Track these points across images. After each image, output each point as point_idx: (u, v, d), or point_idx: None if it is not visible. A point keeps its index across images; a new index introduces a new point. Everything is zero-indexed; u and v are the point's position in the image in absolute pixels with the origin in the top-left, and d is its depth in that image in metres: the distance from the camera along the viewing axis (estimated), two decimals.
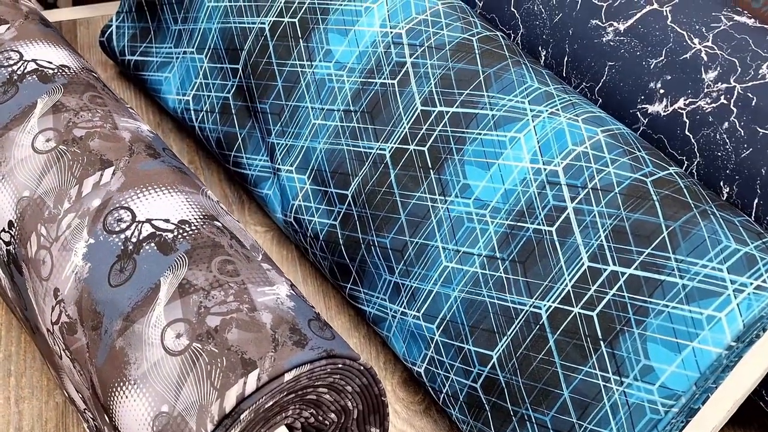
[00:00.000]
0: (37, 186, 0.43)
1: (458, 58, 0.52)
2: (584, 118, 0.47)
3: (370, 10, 0.56)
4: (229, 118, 0.63)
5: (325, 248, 0.56)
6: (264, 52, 0.60)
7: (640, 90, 0.50)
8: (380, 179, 0.53)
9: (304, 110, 0.58)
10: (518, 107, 0.48)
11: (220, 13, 0.63)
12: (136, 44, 0.71)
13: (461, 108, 0.50)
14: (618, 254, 0.43)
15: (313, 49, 0.57)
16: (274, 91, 0.59)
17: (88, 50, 0.80)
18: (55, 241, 0.41)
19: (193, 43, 0.66)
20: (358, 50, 0.56)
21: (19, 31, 0.50)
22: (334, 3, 0.57)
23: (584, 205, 0.45)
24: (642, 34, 0.50)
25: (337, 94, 0.56)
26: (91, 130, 0.45)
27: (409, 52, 0.53)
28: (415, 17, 0.54)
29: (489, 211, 0.48)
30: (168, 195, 0.42)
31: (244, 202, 0.67)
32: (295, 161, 0.58)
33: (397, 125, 0.52)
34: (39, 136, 0.44)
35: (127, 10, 0.73)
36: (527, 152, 0.47)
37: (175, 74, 0.68)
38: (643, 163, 0.45)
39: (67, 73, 0.48)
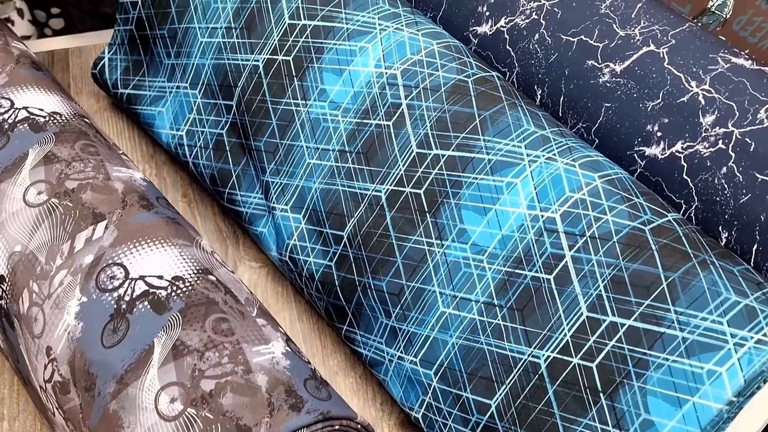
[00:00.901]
0: (28, 241, 0.43)
1: (454, 100, 0.51)
2: (581, 163, 0.47)
3: (364, 50, 0.55)
4: (224, 154, 0.63)
5: (321, 289, 0.56)
6: (258, 89, 0.59)
7: (637, 132, 0.49)
8: (376, 221, 0.52)
9: (299, 149, 0.57)
10: (515, 152, 0.48)
11: (214, 49, 0.63)
12: (128, 77, 0.71)
13: (457, 151, 0.50)
14: (617, 305, 0.43)
15: (307, 88, 0.57)
16: (269, 129, 0.59)
17: (81, 80, 0.80)
18: (48, 299, 0.41)
19: (187, 78, 0.65)
20: (353, 90, 0.55)
21: (10, 77, 0.49)
22: (328, 42, 0.57)
23: (582, 253, 0.44)
24: (639, 76, 0.50)
25: (332, 134, 0.56)
26: (83, 181, 0.44)
27: (404, 94, 0.53)
28: (410, 58, 0.54)
29: (486, 257, 0.47)
30: (162, 249, 0.42)
31: (239, 236, 0.67)
32: (290, 200, 0.58)
33: (393, 167, 0.52)
34: (31, 189, 0.44)
35: (120, 42, 0.72)
36: (524, 198, 0.47)
37: (169, 109, 0.67)
38: (641, 210, 0.45)
39: (58, 120, 0.48)
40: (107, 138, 0.51)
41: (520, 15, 0.55)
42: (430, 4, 0.60)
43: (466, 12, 0.58)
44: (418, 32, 0.55)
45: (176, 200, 0.69)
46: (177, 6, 0.66)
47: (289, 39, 0.58)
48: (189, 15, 0.65)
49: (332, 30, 0.57)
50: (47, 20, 1.05)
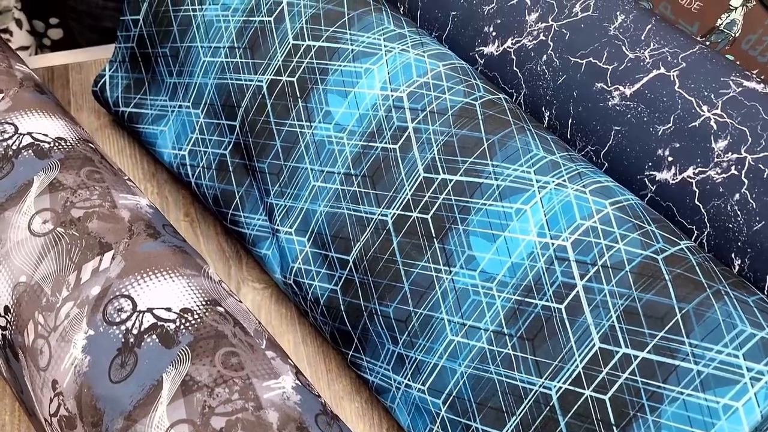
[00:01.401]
0: (34, 271, 0.42)
1: (461, 124, 0.51)
2: (592, 190, 0.47)
3: (370, 72, 0.55)
4: (227, 175, 0.62)
5: (326, 313, 0.55)
6: (262, 110, 0.59)
7: (648, 156, 0.49)
8: (382, 246, 0.52)
9: (304, 171, 0.57)
10: (524, 177, 0.48)
11: (216, 68, 0.62)
12: (130, 95, 0.70)
13: (465, 176, 0.49)
14: (630, 336, 0.42)
15: (312, 109, 0.56)
16: (273, 151, 0.58)
17: (81, 96, 0.79)
18: (54, 331, 0.40)
19: (189, 97, 0.65)
20: (358, 113, 0.55)
21: (13, 101, 0.49)
22: (333, 64, 0.56)
23: (594, 283, 0.44)
24: (649, 100, 0.49)
25: (338, 157, 0.55)
26: (89, 210, 0.44)
27: (411, 117, 0.52)
28: (416, 80, 0.53)
29: (496, 285, 0.47)
30: (169, 280, 0.41)
31: (242, 257, 0.66)
32: (295, 223, 0.57)
33: (399, 191, 0.51)
34: (36, 218, 0.43)
35: (121, 59, 0.72)
36: (534, 225, 0.46)
37: (171, 128, 0.66)
38: (653, 238, 0.44)
39: (63, 146, 0.47)
40: (112, 163, 0.51)
41: (527, 36, 0.55)
42: (436, 24, 0.60)
43: (472, 32, 0.58)
44: (424, 54, 0.55)
45: (178, 220, 0.69)
46: (179, 24, 0.65)
47: (293, 60, 0.58)
48: (191, 34, 0.64)
49: (337, 51, 0.56)
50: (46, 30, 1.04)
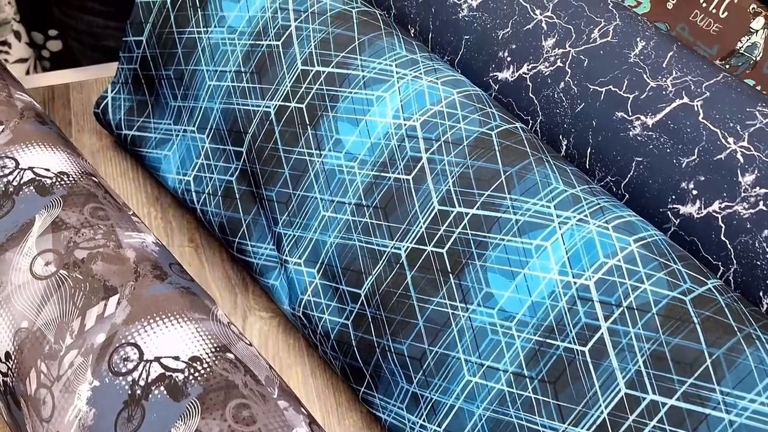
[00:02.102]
0: (36, 316, 0.40)
1: (477, 154, 0.49)
2: (615, 226, 0.45)
3: (381, 100, 0.53)
4: (233, 202, 0.60)
5: (337, 348, 0.53)
6: (269, 137, 0.57)
7: (671, 189, 0.47)
8: (395, 280, 0.50)
9: (313, 201, 0.55)
10: (544, 212, 0.46)
11: (222, 93, 0.60)
12: (132, 118, 0.69)
13: (482, 210, 0.47)
14: (658, 382, 0.40)
15: (321, 137, 0.55)
16: (281, 179, 0.57)
17: (82, 117, 0.77)
18: (57, 381, 0.38)
19: (194, 121, 0.63)
20: (369, 141, 0.53)
21: (14, 133, 0.47)
22: (343, 90, 0.54)
23: (619, 325, 0.42)
24: (672, 130, 0.48)
25: (348, 187, 0.53)
26: (93, 250, 0.42)
27: (425, 147, 0.51)
28: (429, 108, 0.52)
29: (515, 324, 0.45)
30: (177, 325, 0.40)
31: (248, 284, 0.65)
32: (304, 254, 0.56)
33: (413, 224, 0.50)
34: (38, 259, 0.41)
35: (123, 81, 0.70)
36: (555, 263, 0.45)
37: (175, 152, 0.65)
38: (680, 278, 0.42)
39: (66, 182, 0.45)
40: (116, 197, 0.49)
41: (543, 62, 0.53)
42: (448, 48, 0.58)
43: (485, 57, 0.56)
44: (437, 80, 0.53)
45: (183, 245, 0.67)
46: (183, 47, 0.63)
47: (302, 86, 0.56)
48: (196, 57, 0.62)
49: (347, 77, 0.55)
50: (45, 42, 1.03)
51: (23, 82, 0.82)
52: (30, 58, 0.99)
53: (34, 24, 0.99)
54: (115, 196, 0.49)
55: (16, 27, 0.95)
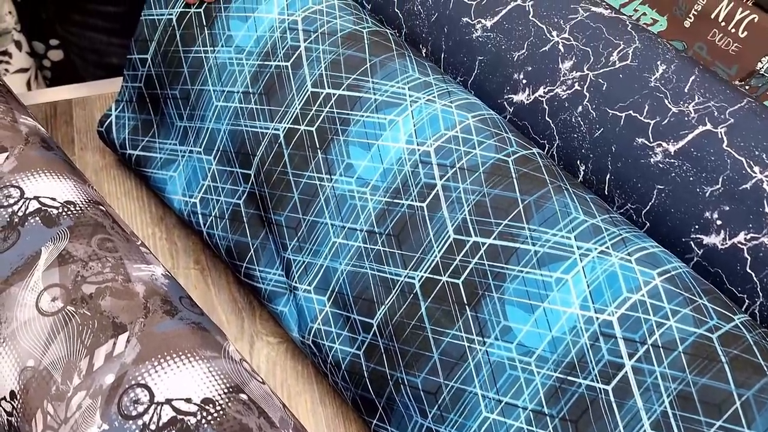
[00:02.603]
0: (42, 355, 0.39)
1: (493, 182, 0.48)
2: (638, 258, 0.44)
3: (394, 124, 0.52)
4: (241, 226, 0.59)
5: (348, 379, 0.52)
6: (278, 160, 0.56)
7: (694, 219, 0.46)
8: (409, 311, 0.49)
9: (324, 227, 0.54)
10: (563, 243, 0.45)
11: (230, 114, 0.59)
12: (137, 137, 0.67)
13: (499, 240, 0.46)
14: (685, 424, 0.39)
15: (332, 161, 0.53)
16: (290, 203, 0.55)
17: (85, 134, 0.76)
18: (64, 423, 0.37)
19: (200, 142, 0.62)
20: (382, 167, 0.52)
21: (19, 160, 0.46)
22: (354, 114, 0.53)
23: (644, 364, 0.41)
24: (695, 158, 0.46)
25: (360, 213, 0.52)
26: (101, 285, 0.40)
27: (439, 173, 0.49)
28: (444, 133, 0.50)
29: (534, 360, 0.44)
30: (188, 365, 0.38)
31: (255, 308, 0.63)
32: (314, 281, 0.54)
33: (428, 253, 0.48)
34: (44, 294, 0.40)
35: (128, 99, 0.69)
36: (576, 297, 0.43)
37: (181, 174, 0.63)
38: (706, 314, 0.41)
39: (73, 211, 0.44)
40: (124, 226, 0.47)
41: (561, 85, 0.52)
42: (461, 69, 0.57)
43: (500, 79, 0.55)
44: (451, 104, 0.52)
45: (188, 267, 0.66)
46: (190, 66, 0.62)
47: (312, 108, 0.55)
48: (203, 76, 0.61)
49: (359, 100, 0.53)
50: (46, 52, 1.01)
51: (25, 98, 0.80)
52: (31, 68, 0.97)
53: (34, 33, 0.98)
54: (123, 226, 0.47)
55: (17, 37, 0.94)
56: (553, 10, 0.54)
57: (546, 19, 0.53)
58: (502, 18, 0.55)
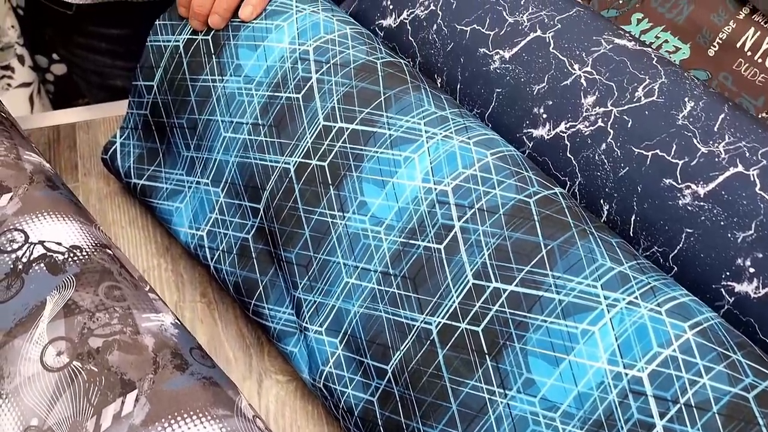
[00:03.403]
0: (47, 414, 0.37)
1: (514, 225, 0.46)
2: (668, 309, 0.42)
3: (410, 161, 0.50)
4: (249, 261, 0.57)
5: (361, 426, 0.50)
6: (289, 195, 0.54)
7: (725, 265, 0.44)
8: (426, 358, 0.47)
9: (336, 266, 0.52)
10: (590, 292, 0.43)
11: (238, 145, 0.57)
12: (143, 166, 0.65)
13: (521, 287, 0.44)
14: None
15: (345, 198, 0.51)
16: (301, 240, 0.53)
17: (89, 160, 0.74)
18: None
19: (208, 173, 0.60)
20: (397, 206, 0.50)
21: (23, 201, 0.44)
22: (368, 149, 0.51)
23: (676, 424, 0.39)
24: (726, 202, 0.44)
25: (374, 253, 0.50)
26: (109, 338, 0.39)
27: (457, 214, 0.47)
28: (461, 172, 0.48)
29: (559, 415, 0.42)
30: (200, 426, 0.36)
31: (264, 344, 0.61)
32: (326, 322, 0.52)
33: (445, 298, 0.46)
34: (49, 348, 0.38)
35: (133, 126, 0.67)
36: (604, 351, 0.41)
37: (188, 205, 0.61)
38: (741, 371, 0.39)
39: (79, 257, 0.42)
40: (132, 271, 0.46)
41: (583, 121, 0.50)
42: (478, 100, 0.55)
43: (519, 112, 0.53)
44: (469, 141, 0.50)
45: (194, 301, 0.64)
46: (197, 95, 0.60)
47: (324, 142, 0.53)
48: (210, 106, 0.59)
49: (373, 136, 0.51)
50: (49, 66, 1.00)
51: (27, 121, 0.79)
52: (34, 83, 0.96)
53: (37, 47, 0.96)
54: (131, 270, 0.45)
55: (20, 51, 0.92)
56: (575, 42, 0.52)
57: (567, 51, 0.52)
58: (521, 50, 0.53)
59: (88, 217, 0.47)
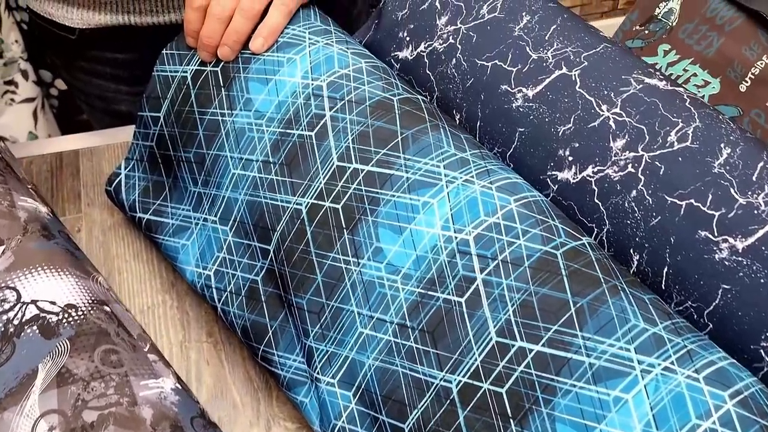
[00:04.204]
0: None
1: (542, 279, 0.43)
2: (706, 376, 0.39)
3: (428, 207, 0.47)
4: (258, 305, 0.55)
5: None
6: (300, 238, 0.51)
7: (766, 324, 0.41)
8: (446, 419, 0.44)
9: (350, 315, 0.49)
10: (623, 356, 0.40)
11: (248, 183, 0.55)
12: (148, 200, 0.63)
13: (549, 348, 0.41)
14: None
15: (360, 244, 0.49)
16: (313, 286, 0.51)
17: (92, 189, 0.72)
18: None
19: (216, 210, 0.57)
20: (415, 254, 0.47)
21: (17, 255, 0.41)
22: (384, 193, 0.49)
23: None
24: (766, 257, 0.42)
25: (390, 303, 0.47)
26: (104, 411, 0.36)
27: (480, 266, 0.45)
28: (484, 220, 0.46)
29: None
30: None
31: (272, 388, 0.59)
32: (338, 373, 0.50)
33: (467, 355, 0.44)
34: (41, 423, 0.36)
35: (138, 158, 0.64)
36: (638, 420, 0.39)
37: (194, 243, 0.59)
38: None
39: (74, 317, 0.40)
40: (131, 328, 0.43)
41: (612, 165, 0.47)
42: (499, 139, 0.52)
43: (543, 153, 0.50)
44: (491, 185, 0.47)
45: (200, 340, 0.61)
46: (205, 129, 0.58)
47: (337, 184, 0.50)
48: (219, 141, 0.57)
49: (389, 179, 0.49)
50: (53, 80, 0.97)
51: (30, 147, 0.76)
52: (38, 97, 0.94)
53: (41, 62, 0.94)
54: (130, 327, 0.43)
55: (24, 66, 0.90)
56: (603, 81, 0.49)
57: (595, 91, 0.49)
58: (545, 88, 0.50)
59: (85, 268, 0.44)
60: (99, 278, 0.45)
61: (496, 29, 0.53)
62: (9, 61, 0.89)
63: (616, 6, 2.14)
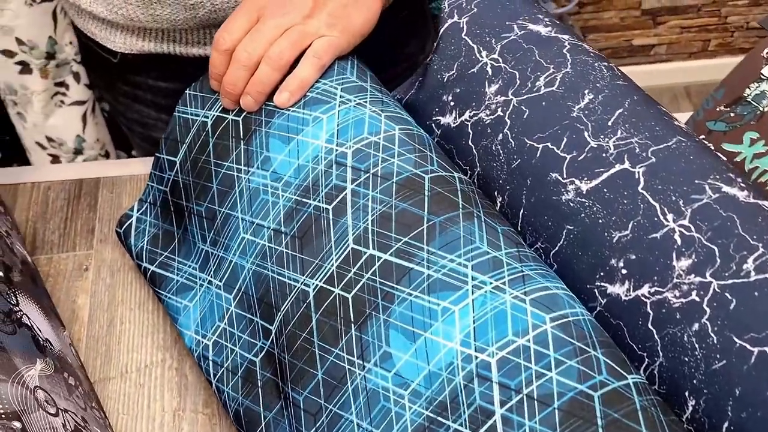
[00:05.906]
0: None
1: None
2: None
3: (449, 315, 0.40)
4: (254, 390, 0.48)
5: None
6: (304, 324, 0.45)
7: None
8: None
9: (349, 426, 0.42)
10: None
11: (257, 252, 0.48)
12: (156, 250, 0.57)
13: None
14: None
15: (368, 344, 0.42)
16: (313, 383, 0.44)
17: (107, 224, 0.67)
18: None
19: (222, 275, 0.51)
20: (428, 368, 0.40)
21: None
22: (401, 290, 0.42)
23: None
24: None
25: (394, 422, 0.41)
26: None
27: (501, 398, 0.37)
28: (511, 340, 0.39)
29: None
30: None
31: None
32: None
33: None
34: None
35: (152, 201, 0.59)
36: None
37: (197, 306, 0.53)
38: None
39: None
40: None
41: (673, 289, 0.39)
42: (544, 234, 0.45)
43: (593, 260, 0.43)
44: (525, 297, 0.40)
45: (196, 411, 0.56)
46: (219, 183, 0.52)
47: (350, 269, 0.44)
48: (232, 199, 0.51)
49: (408, 273, 0.42)
50: None
51: (49, 171, 0.72)
52: (88, 101, 0.90)
53: None
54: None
55: (76, 68, 0.86)
56: (672, 184, 0.41)
57: (660, 195, 0.41)
58: (602, 183, 0.43)
59: (19, 378, 0.38)
60: (25, 377, 0.38)
61: (552, 106, 0.46)
62: (61, 62, 0.86)
63: (707, 47, 2.02)
